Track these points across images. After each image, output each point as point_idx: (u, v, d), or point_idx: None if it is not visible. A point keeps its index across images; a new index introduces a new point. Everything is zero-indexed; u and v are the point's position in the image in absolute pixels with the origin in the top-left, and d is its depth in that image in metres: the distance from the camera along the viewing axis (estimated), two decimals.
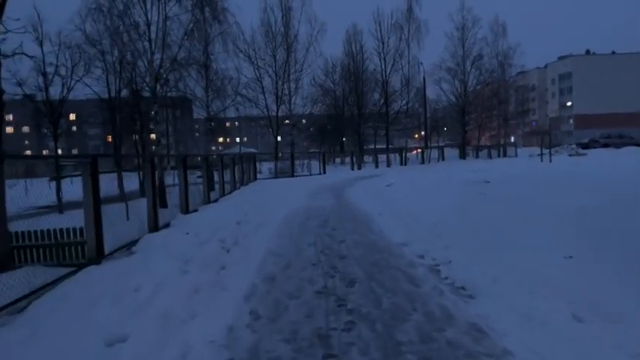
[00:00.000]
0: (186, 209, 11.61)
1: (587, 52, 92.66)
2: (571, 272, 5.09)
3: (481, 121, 47.96)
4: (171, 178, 31.28)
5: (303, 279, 5.46)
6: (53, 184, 20.49)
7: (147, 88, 15.00)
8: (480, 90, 47.33)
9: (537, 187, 13.97)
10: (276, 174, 29.15)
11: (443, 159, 42.09)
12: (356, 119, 42.41)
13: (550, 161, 28.94)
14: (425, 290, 4.87)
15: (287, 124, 31.57)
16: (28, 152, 71.62)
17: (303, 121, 43.52)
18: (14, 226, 9.54)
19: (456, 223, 8.27)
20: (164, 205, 14.74)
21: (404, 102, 41.11)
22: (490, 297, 4.51)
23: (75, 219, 8.91)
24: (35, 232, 9.75)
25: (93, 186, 6.55)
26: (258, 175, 34.47)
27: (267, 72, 30.19)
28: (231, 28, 22.38)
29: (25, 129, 77.44)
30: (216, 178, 23.14)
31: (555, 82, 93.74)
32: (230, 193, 17.30)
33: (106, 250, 6.67)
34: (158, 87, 15.00)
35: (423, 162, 39.56)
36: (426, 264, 5.92)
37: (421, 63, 43.02)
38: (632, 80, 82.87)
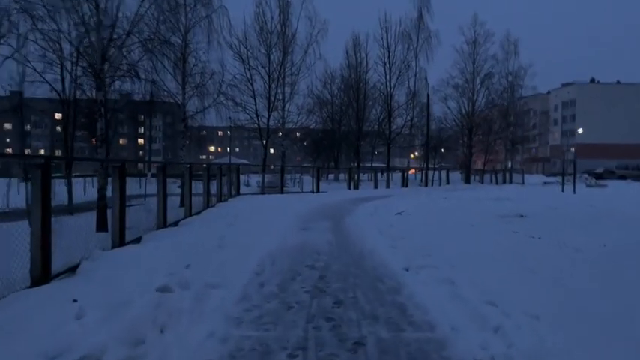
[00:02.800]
0: (119, 241, 7.93)
1: (592, 80, 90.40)
2: None
3: (488, 144, 44.71)
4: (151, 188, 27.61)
5: None
6: None
7: (89, 71, 11.41)
8: (489, 111, 44.19)
9: (598, 229, 10.53)
10: (263, 189, 25.50)
11: (447, 182, 38.67)
12: (354, 134, 38.93)
13: (574, 192, 25.63)
14: None
15: (278, 133, 27.92)
16: None
17: (297, 134, 39.90)
18: None
19: (556, 299, 4.70)
20: (104, 226, 11.06)
21: (408, 117, 37.69)
22: None
23: None
24: None
25: None
26: (245, 189, 30.83)
27: (260, 73, 26.73)
28: (216, 13, 18.85)
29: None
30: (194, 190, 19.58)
31: (558, 109, 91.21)
32: (198, 213, 13.65)
33: None
34: (107, 67, 11.36)
35: (425, 184, 36.09)
36: None
37: (425, 78, 39.78)
38: (637, 110, 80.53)
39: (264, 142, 27.66)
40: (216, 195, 18.47)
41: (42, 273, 5.34)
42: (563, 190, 27.59)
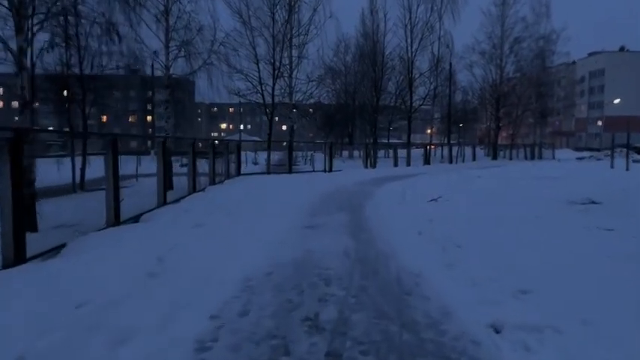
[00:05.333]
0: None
1: (622, 48, 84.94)
2: None
3: (516, 116, 40.87)
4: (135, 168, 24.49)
5: None
6: None
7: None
8: (518, 80, 40.24)
9: None
10: (269, 168, 22.32)
11: (474, 158, 35.15)
12: (370, 106, 35.33)
13: (627, 169, 22.06)
14: None
15: (286, 105, 24.52)
16: None
17: (310, 110, 36.34)
18: None
19: None
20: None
21: (431, 87, 33.91)
22: None
23: None
24: None
25: None
26: (253, 168, 27.71)
27: (263, 35, 23.23)
28: None
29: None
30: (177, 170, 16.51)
31: (585, 80, 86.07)
32: (178, 200, 10.60)
33: None
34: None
35: (450, 161, 32.61)
36: None
37: (448, 46, 35.75)
38: None
39: (270, 114, 24.30)
40: (210, 176, 15.38)
41: None
42: (612, 166, 24.01)
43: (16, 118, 8.81)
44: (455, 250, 5.73)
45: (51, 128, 24.13)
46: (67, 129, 18.12)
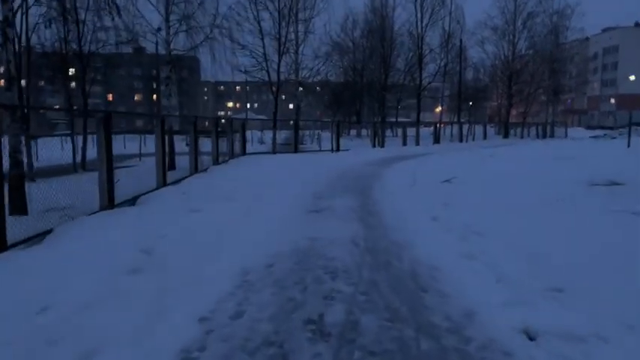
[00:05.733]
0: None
1: (637, 24, 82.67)
2: None
3: (528, 94, 39.85)
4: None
5: None
6: None
7: None
8: (531, 56, 39.13)
9: None
10: (274, 148, 21.78)
11: (484, 137, 34.39)
12: (379, 84, 34.47)
13: None
14: None
15: (291, 81, 23.80)
16: None
17: (318, 88, 35.53)
18: None
19: None
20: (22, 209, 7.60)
21: (442, 63, 32.95)
22: None
23: None
24: None
25: None
26: (260, 147, 27.20)
27: (268, 8, 22.41)
28: None
29: None
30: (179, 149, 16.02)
31: (599, 57, 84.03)
32: (186, 177, 10.20)
33: None
34: None
35: (460, 140, 31.88)
36: None
37: (458, 21, 34.65)
38: None
39: (275, 92, 23.63)
40: (213, 156, 14.90)
41: None
42: (629, 145, 23.23)
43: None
44: (475, 238, 5.21)
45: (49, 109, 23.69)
46: (69, 108, 17.60)
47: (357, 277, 4.15)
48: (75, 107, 18.00)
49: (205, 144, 15.35)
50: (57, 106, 17.94)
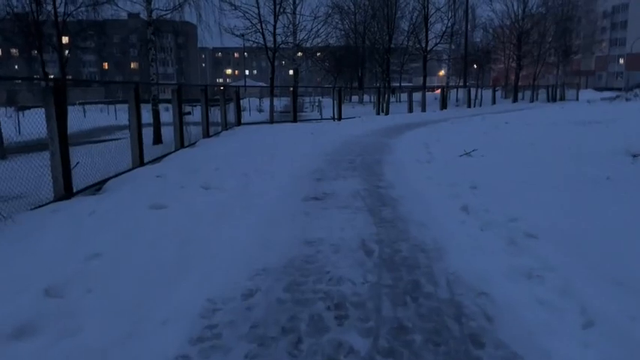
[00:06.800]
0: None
1: None
2: None
3: (539, 54, 37.95)
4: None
5: None
6: None
7: None
8: (542, 15, 37.06)
9: None
10: (272, 118, 20.29)
11: (494, 102, 32.75)
12: (383, 46, 32.55)
13: None
14: None
15: (288, 46, 22.10)
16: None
17: (318, 53, 33.65)
18: None
19: None
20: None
21: (449, 24, 31.04)
22: None
23: None
24: None
25: None
26: (258, 116, 25.72)
27: None
28: None
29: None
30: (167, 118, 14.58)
31: (608, 16, 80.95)
32: (169, 154, 8.87)
33: None
34: None
35: (468, 105, 30.26)
36: None
37: None
38: None
39: (272, 56, 21.96)
40: (204, 127, 13.47)
41: None
42: None
43: None
44: (528, 243, 3.86)
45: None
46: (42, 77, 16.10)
47: (374, 315, 2.84)
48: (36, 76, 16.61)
49: (197, 114, 13.96)
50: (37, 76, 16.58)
